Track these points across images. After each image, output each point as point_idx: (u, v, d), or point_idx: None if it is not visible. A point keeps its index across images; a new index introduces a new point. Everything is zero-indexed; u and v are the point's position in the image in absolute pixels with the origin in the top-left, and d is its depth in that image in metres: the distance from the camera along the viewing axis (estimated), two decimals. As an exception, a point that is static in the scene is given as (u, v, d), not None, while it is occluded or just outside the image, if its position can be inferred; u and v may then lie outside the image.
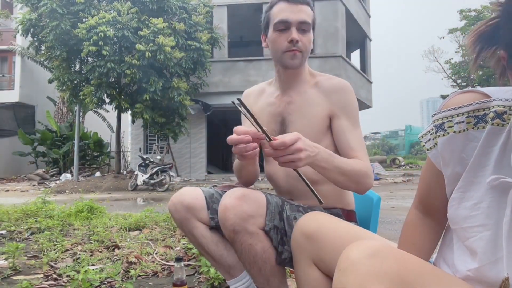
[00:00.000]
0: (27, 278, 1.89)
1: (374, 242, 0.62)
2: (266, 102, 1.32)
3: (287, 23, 1.17)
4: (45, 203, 3.92)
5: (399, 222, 4.34)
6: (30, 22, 10.71)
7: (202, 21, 11.43)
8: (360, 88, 15.41)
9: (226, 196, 1.07)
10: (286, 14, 1.17)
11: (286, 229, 1.09)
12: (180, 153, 13.96)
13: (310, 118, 1.22)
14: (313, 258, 0.89)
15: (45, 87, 16.39)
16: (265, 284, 1.11)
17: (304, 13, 1.18)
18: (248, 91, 1.42)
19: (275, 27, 1.19)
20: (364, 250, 0.60)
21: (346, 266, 0.60)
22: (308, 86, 1.26)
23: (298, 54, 1.19)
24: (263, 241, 1.07)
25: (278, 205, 1.11)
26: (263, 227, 1.06)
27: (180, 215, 1.22)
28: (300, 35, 1.18)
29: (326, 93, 1.22)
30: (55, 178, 13.24)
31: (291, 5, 1.18)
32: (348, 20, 14.22)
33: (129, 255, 2.27)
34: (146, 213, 3.49)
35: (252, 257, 1.07)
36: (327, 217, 0.97)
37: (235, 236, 1.05)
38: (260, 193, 1.11)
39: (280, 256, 1.09)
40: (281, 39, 1.19)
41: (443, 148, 0.67)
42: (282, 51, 1.20)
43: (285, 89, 1.28)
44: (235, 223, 1.03)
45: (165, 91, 10.65)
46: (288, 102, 1.26)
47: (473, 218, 0.64)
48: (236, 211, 1.03)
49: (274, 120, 1.27)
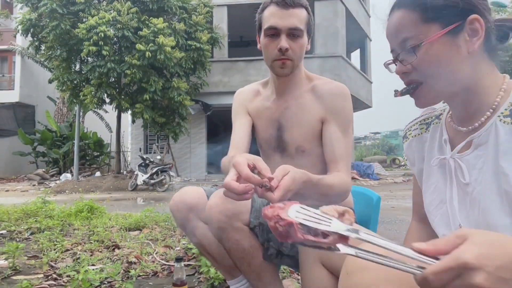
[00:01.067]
0: (27, 278, 1.89)
1: None
2: (263, 105, 1.30)
3: (277, 30, 1.13)
4: (45, 203, 3.92)
5: (399, 222, 4.34)
6: (30, 22, 10.71)
7: (202, 21, 11.43)
8: (360, 88, 15.41)
9: (212, 196, 1.09)
10: (275, 20, 1.12)
11: None
12: (180, 153, 13.96)
13: (305, 125, 1.21)
14: (321, 257, 0.90)
15: (45, 87, 16.39)
16: (256, 279, 1.13)
17: (295, 18, 1.13)
18: (241, 90, 1.39)
19: (265, 32, 1.16)
20: None
21: (354, 270, 0.58)
22: (304, 90, 1.24)
23: (287, 63, 1.15)
24: (249, 237, 1.09)
25: (263, 203, 1.12)
26: (247, 223, 1.08)
27: (181, 215, 1.22)
28: (290, 42, 1.13)
29: (320, 97, 1.21)
30: (55, 178, 13.24)
31: (281, 10, 1.12)
32: (348, 20, 14.22)
33: (129, 255, 2.27)
34: (146, 213, 3.49)
35: (241, 253, 1.09)
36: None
37: (222, 233, 1.07)
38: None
39: (266, 252, 1.11)
40: (271, 47, 1.15)
41: (407, 151, 0.87)
42: (272, 59, 1.17)
43: (281, 93, 1.26)
44: (220, 221, 1.05)
45: (165, 91, 10.66)
46: (285, 108, 1.25)
47: (434, 200, 0.78)
48: (220, 209, 1.04)
49: (271, 125, 1.27)
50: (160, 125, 11.29)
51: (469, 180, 0.69)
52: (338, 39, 13.36)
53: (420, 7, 0.68)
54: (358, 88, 14.96)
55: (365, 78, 16.43)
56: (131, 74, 10.08)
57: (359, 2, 15.98)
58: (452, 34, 0.66)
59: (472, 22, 0.66)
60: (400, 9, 0.71)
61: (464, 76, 0.68)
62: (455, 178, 0.73)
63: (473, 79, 0.68)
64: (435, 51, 0.67)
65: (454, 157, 0.73)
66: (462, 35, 0.66)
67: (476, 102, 0.69)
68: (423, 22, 0.68)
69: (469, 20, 0.66)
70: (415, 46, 0.68)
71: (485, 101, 0.68)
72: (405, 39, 0.70)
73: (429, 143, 0.81)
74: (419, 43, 0.67)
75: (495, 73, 0.70)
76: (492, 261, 0.39)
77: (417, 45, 0.68)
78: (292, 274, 1.98)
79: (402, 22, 0.70)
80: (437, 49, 0.67)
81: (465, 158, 0.71)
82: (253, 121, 1.32)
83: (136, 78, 10.19)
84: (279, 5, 1.13)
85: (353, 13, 14.73)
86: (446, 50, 0.67)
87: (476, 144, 0.69)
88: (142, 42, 9.98)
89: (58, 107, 16.84)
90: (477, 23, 0.65)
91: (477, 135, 0.69)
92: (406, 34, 0.69)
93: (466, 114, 0.72)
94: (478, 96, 0.69)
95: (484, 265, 0.39)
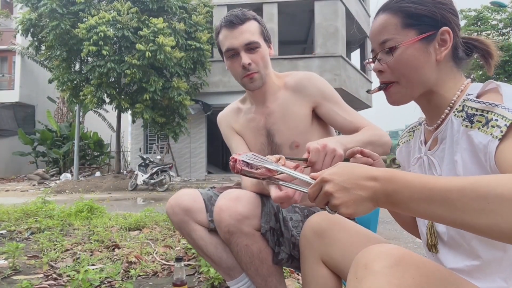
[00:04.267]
0: (27, 278, 1.89)
1: (394, 249, 0.58)
2: (246, 119, 1.32)
3: (234, 50, 1.17)
4: (45, 203, 3.92)
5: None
6: (30, 22, 10.72)
7: (202, 21, 11.43)
8: (360, 88, 15.41)
9: (221, 198, 1.07)
10: (230, 41, 1.17)
11: (283, 230, 1.08)
12: (180, 153, 13.96)
13: (293, 120, 1.22)
14: (322, 255, 0.90)
15: (45, 87, 16.39)
16: (262, 284, 1.11)
17: (247, 33, 1.17)
18: (222, 113, 1.41)
19: (225, 55, 1.21)
20: (385, 259, 0.56)
21: (365, 275, 0.55)
22: (279, 90, 1.26)
23: (255, 76, 1.19)
24: (259, 241, 1.07)
25: (273, 206, 1.11)
26: (258, 228, 1.06)
27: (178, 218, 1.21)
28: (251, 55, 1.17)
29: (298, 90, 1.23)
30: (55, 178, 13.24)
31: (231, 30, 1.17)
32: (348, 20, 14.22)
33: (129, 255, 2.27)
34: (146, 213, 3.49)
35: (249, 258, 1.07)
36: (338, 216, 0.97)
37: (230, 237, 1.05)
38: (255, 195, 1.11)
39: (277, 257, 1.09)
40: (235, 66, 1.19)
41: (398, 156, 0.96)
42: (240, 76, 1.21)
43: (259, 102, 1.28)
44: (229, 224, 1.03)
45: (165, 91, 10.65)
46: (268, 114, 1.26)
47: None
48: (231, 212, 1.03)
49: (260, 134, 1.28)
50: (160, 125, 11.29)
51: (440, 173, 0.77)
52: (338, 39, 13.36)
53: (402, 13, 0.76)
54: (358, 88, 14.96)
55: (365, 78, 16.43)
56: (131, 74, 10.07)
57: (359, 2, 15.98)
58: (425, 41, 0.75)
59: (443, 34, 0.75)
60: (384, 12, 0.79)
61: (430, 79, 0.77)
62: (428, 173, 0.80)
63: (437, 82, 0.77)
64: (409, 54, 0.75)
65: (426, 154, 0.81)
66: (433, 44, 0.75)
67: (438, 102, 0.78)
68: (403, 27, 0.76)
69: (441, 31, 0.75)
70: (392, 48, 0.76)
71: (446, 101, 0.77)
72: (385, 40, 0.78)
73: (412, 147, 0.90)
74: (396, 45, 0.76)
75: (458, 78, 0.78)
76: (338, 176, 0.60)
77: (394, 47, 0.76)
78: (292, 274, 1.98)
79: (384, 24, 0.78)
80: (411, 53, 0.75)
81: (436, 154, 0.79)
82: (242, 136, 1.35)
83: (136, 78, 10.19)
84: (228, 27, 1.18)
85: (353, 13, 14.73)
86: (419, 54, 0.75)
87: (440, 139, 0.78)
88: (142, 42, 9.98)
89: (58, 107, 16.84)
90: (447, 35, 0.75)
91: (439, 131, 0.78)
92: (387, 36, 0.77)
93: (431, 113, 0.81)
94: (440, 97, 0.78)
95: (333, 179, 0.60)
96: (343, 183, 0.59)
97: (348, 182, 0.59)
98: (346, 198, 0.59)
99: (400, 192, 0.55)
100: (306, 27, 15.40)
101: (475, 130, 0.66)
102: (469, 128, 0.68)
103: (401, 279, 0.53)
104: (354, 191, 0.58)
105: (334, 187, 0.60)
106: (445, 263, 0.76)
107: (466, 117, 0.69)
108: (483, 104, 0.66)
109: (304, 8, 13.47)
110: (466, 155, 0.69)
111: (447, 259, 0.76)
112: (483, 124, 0.65)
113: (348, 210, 0.59)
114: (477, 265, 0.70)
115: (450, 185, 0.52)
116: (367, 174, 0.59)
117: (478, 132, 0.65)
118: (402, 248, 0.59)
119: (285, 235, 1.08)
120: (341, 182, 0.60)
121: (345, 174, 0.60)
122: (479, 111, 0.66)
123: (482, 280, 0.69)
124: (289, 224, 1.09)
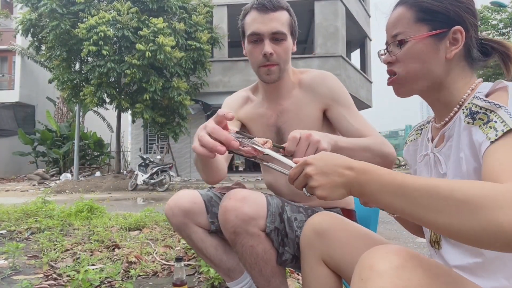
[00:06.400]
0: (27, 278, 1.89)
1: (400, 250, 0.57)
2: (256, 112, 1.29)
3: (259, 35, 1.13)
4: (45, 203, 3.91)
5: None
6: (30, 22, 10.71)
7: (202, 21, 11.42)
8: (360, 88, 15.41)
9: (227, 198, 1.06)
10: (257, 25, 1.12)
11: (287, 230, 1.08)
12: (180, 153, 13.96)
13: (305, 121, 1.21)
14: (322, 255, 0.90)
15: (45, 87, 16.39)
16: (265, 285, 1.10)
17: (277, 22, 1.12)
18: (230, 97, 1.37)
19: (248, 39, 1.16)
20: (391, 260, 0.55)
21: (370, 277, 0.54)
22: (294, 88, 1.24)
23: (273, 68, 1.15)
24: (264, 242, 1.06)
25: (278, 206, 1.10)
26: (264, 228, 1.05)
27: (177, 220, 1.19)
28: (274, 46, 1.13)
29: (311, 89, 1.21)
30: (55, 178, 13.24)
31: (262, 15, 1.12)
32: (348, 20, 14.22)
33: (129, 255, 2.27)
34: (146, 213, 3.49)
35: (253, 259, 1.06)
36: (338, 216, 0.97)
37: (236, 238, 1.04)
38: (261, 194, 1.10)
39: (281, 257, 1.09)
40: (256, 52, 1.15)
41: (405, 154, 0.97)
42: (258, 65, 1.17)
43: (273, 98, 1.25)
44: (236, 225, 1.02)
45: (165, 91, 10.65)
46: (280, 111, 1.24)
47: None
48: (237, 213, 1.02)
49: (269, 130, 1.26)
50: (160, 125, 11.29)
51: (445, 171, 0.77)
52: (338, 39, 13.35)
53: (417, 7, 0.77)
54: (358, 88, 14.95)
55: (365, 78, 16.43)
56: (131, 74, 10.07)
57: (359, 2, 15.97)
58: (436, 38, 0.75)
59: (455, 32, 0.74)
60: (401, 5, 0.80)
61: (436, 75, 0.77)
62: (434, 170, 0.82)
63: (447, 80, 0.78)
64: (417, 49, 0.76)
65: (433, 151, 0.82)
66: (444, 41, 0.75)
67: (447, 100, 0.79)
68: (415, 21, 0.77)
69: (453, 30, 0.74)
70: (402, 41, 0.78)
71: (455, 99, 0.78)
72: (397, 33, 0.79)
73: (419, 145, 0.92)
74: (406, 38, 0.77)
75: (469, 77, 0.78)
76: (320, 161, 0.66)
77: (404, 40, 0.77)
78: (292, 274, 1.98)
79: (399, 17, 0.80)
80: (419, 48, 0.76)
81: (442, 151, 0.79)
82: (247, 127, 1.32)
83: (136, 78, 10.18)
84: (259, 10, 1.12)
85: (353, 13, 14.73)
86: (427, 50, 0.76)
87: (447, 137, 0.78)
88: (142, 42, 9.98)
89: (58, 107, 16.83)
90: (459, 34, 0.74)
91: (447, 128, 0.78)
92: (399, 30, 0.79)
93: (440, 111, 0.82)
94: (449, 95, 0.79)
95: (314, 163, 0.66)
96: (323, 167, 0.65)
97: (328, 168, 0.65)
98: (324, 182, 0.64)
99: (372, 183, 0.60)
100: (306, 27, 15.39)
101: (476, 127, 0.67)
102: (470, 124, 0.69)
103: (406, 281, 0.53)
104: (332, 176, 0.64)
105: (314, 170, 0.66)
106: (447, 259, 0.77)
107: (469, 114, 0.70)
108: (488, 103, 0.67)
109: (304, 8, 13.46)
110: (467, 150, 0.70)
111: (450, 255, 0.76)
112: (484, 123, 0.66)
113: (324, 193, 0.65)
114: (480, 262, 0.70)
115: (420, 184, 0.55)
116: (345, 164, 0.64)
117: (478, 129, 0.66)
118: (407, 248, 0.58)
119: (290, 235, 1.07)
120: (322, 166, 0.65)
121: (326, 160, 0.66)
122: (483, 109, 0.67)
123: (485, 278, 0.69)
124: (294, 225, 1.08)
